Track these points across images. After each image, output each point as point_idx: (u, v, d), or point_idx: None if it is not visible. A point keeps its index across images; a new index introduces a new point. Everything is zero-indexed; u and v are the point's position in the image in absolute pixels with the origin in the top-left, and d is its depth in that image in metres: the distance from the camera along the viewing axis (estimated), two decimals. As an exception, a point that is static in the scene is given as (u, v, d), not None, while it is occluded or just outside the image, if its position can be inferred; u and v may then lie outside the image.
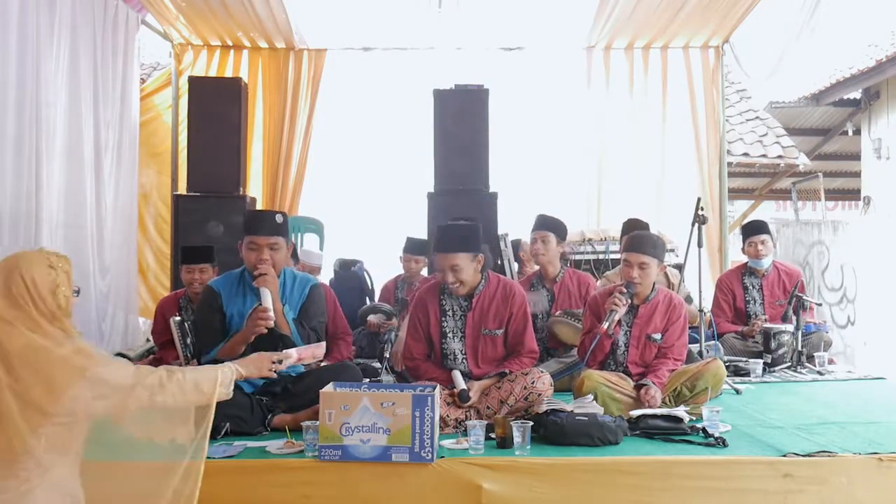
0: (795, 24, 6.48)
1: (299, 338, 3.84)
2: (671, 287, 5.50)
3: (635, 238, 4.27)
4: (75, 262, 6.24)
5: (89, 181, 5.91)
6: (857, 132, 11.80)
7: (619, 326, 4.16)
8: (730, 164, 9.43)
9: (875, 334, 6.29)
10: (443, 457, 3.21)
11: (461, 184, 6.60)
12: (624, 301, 4.05)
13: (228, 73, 7.96)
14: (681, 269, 5.40)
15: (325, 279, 6.62)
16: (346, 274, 6.73)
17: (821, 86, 11.41)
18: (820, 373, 5.29)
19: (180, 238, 6.65)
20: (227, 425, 3.59)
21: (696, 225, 4.98)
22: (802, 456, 3.22)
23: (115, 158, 6.49)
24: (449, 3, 7.11)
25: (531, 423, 3.37)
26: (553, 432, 3.43)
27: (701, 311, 5.00)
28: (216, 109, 6.91)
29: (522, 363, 4.01)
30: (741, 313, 5.96)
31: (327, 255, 7.04)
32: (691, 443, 3.48)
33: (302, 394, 3.77)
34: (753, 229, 5.99)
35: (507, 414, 3.73)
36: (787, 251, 7.71)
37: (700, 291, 5.09)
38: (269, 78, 8.11)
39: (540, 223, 5.22)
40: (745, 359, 5.39)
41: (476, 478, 3.14)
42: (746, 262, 6.02)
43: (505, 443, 3.37)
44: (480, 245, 3.98)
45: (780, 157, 11.30)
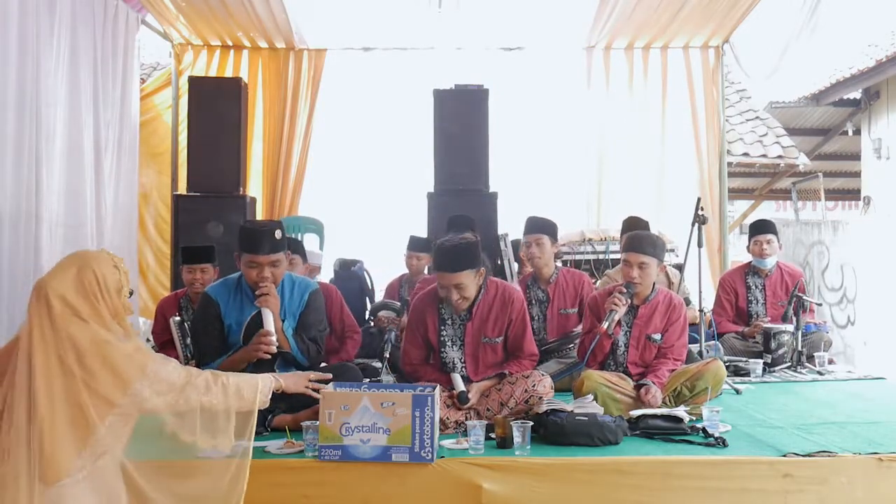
0: (795, 24, 6.48)
1: (299, 352, 3.83)
2: (672, 287, 5.51)
3: (635, 238, 4.27)
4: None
5: (89, 181, 5.91)
6: (857, 132, 11.80)
7: (619, 327, 4.16)
8: (730, 164, 9.43)
9: (875, 334, 6.29)
10: (443, 457, 3.21)
11: (461, 184, 6.60)
12: (624, 301, 4.05)
13: (228, 73, 7.96)
14: (681, 268, 5.40)
15: (325, 279, 6.62)
16: (346, 274, 6.72)
17: (821, 86, 11.40)
18: (820, 373, 5.29)
19: (180, 238, 6.65)
20: None
21: (696, 225, 4.97)
22: (802, 456, 3.22)
23: (115, 158, 6.49)
24: (449, 3, 7.11)
25: (531, 423, 3.37)
26: (553, 432, 3.43)
27: (701, 310, 5.00)
28: (216, 109, 6.91)
29: (522, 365, 4.00)
30: (743, 313, 5.95)
31: (327, 255, 7.04)
32: (691, 443, 3.48)
33: (302, 394, 3.76)
34: (759, 228, 5.97)
35: (507, 415, 3.73)
36: (787, 251, 7.70)
37: (700, 291, 5.09)
38: (269, 78, 8.10)
39: (533, 226, 5.21)
40: (745, 359, 5.39)
41: (476, 478, 3.13)
42: (750, 262, 6.01)
43: (505, 443, 3.37)
44: (481, 258, 3.93)
45: (780, 157, 11.30)
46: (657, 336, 4.17)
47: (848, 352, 6.53)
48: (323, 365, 4.11)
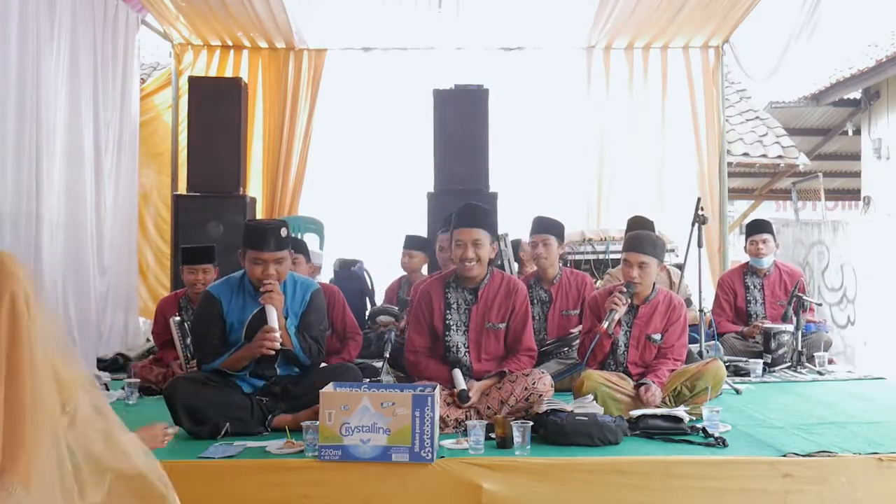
0: (795, 24, 6.49)
1: (301, 351, 3.84)
2: (673, 286, 5.51)
3: (635, 238, 4.27)
4: (75, 261, 6.23)
5: (89, 181, 5.91)
6: (857, 132, 11.80)
7: (620, 326, 4.16)
8: (730, 164, 9.43)
9: (875, 334, 6.28)
10: (443, 457, 3.21)
11: (461, 184, 6.60)
12: (624, 300, 4.05)
13: (228, 73, 7.96)
14: (681, 268, 5.41)
15: (325, 279, 6.62)
16: (346, 274, 6.72)
17: (821, 86, 11.41)
18: (820, 373, 5.29)
19: (180, 238, 6.66)
20: (228, 426, 3.58)
21: (696, 225, 4.98)
22: (802, 456, 3.22)
23: (115, 158, 6.49)
24: (449, 4, 7.12)
25: (531, 423, 3.36)
26: (553, 432, 3.43)
27: (701, 311, 5.00)
28: (216, 109, 6.92)
29: (521, 362, 4.00)
30: (742, 313, 5.96)
31: (327, 255, 7.04)
32: (691, 443, 3.48)
33: (302, 394, 3.76)
34: (755, 228, 5.99)
35: (507, 414, 3.73)
36: (787, 251, 7.70)
37: (700, 291, 5.09)
38: (269, 78, 8.11)
39: (540, 226, 5.21)
40: (745, 359, 5.39)
41: (476, 478, 3.13)
42: (748, 262, 6.02)
43: (505, 443, 3.37)
44: (496, 232, 4.02)
45: (780, 157, 11.30)
46: (657, 336, 4.17)
47: (848, 352, 6.53)
48: (323, 365, 4.11)
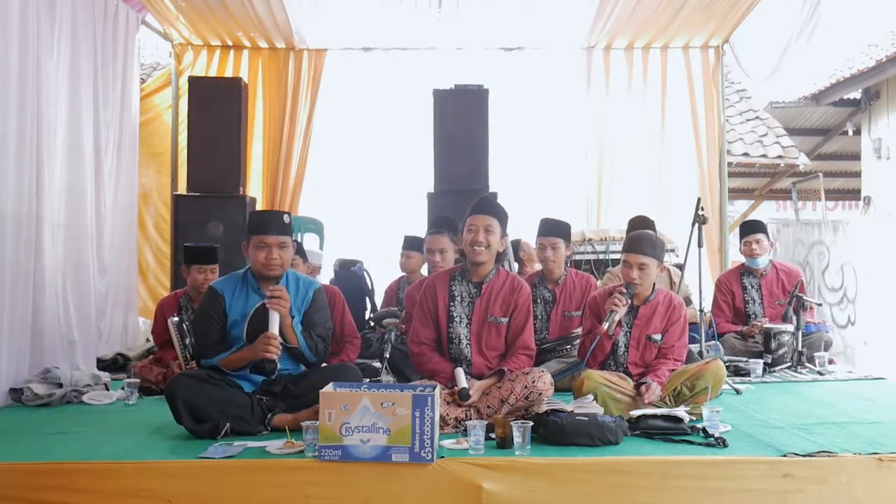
0: (795, 24, 6.49)
1: (307, 348, 3.84)
2: (674, 286, 5.51)
3: (634, 239, 4.27)
4: (75, 261, 6.21)
5: (89, 181, 5.91)
6: (857, 132, 11.81)
7: (620, 327, 4.16)
8: (730, 164, 9.43)
9: (875, 334, 6.28)
10: (443, 457, 3.20)
11: (461, 184, 6.61)
12: (624, 301, 4.06)
13: (228, 73, 7.96)
14: (681, 269, 5.41)
15: (325, 279, 6.62)
16: (346, 274, 6.72)
17: (821, 86, 11.42)
18: (820, 373, 5.29)
19: (180, 238, 6.66)
20: (228, 425, 3.58)
21: (696, 225, 4.98)
22: (802, 456, 3.22)
23: (115, 158, 6.49)
24: (449, 4, 7.12)
25: (531, 423, 3.36)
26: (553, 432, 3.43)
27: (701, 311, 5.00)
28: (216, 109, 6.92)
29: (520, 362, 4.01)
30: (741, 313, 5.97)
31: (327, 255, 7.05)
32: (691, 443, 3.48)
33: (302, 394, 3.76)
34: (748, 229, 6.02)
35: (507, 413, 3.73)
36: (787, 251, 7.70)
37: (700, 292, 5.10)
38: (269, 78, 8.11)
39: (549, 229, 5.21)
40: (745, 359, 5.39)
41: (476, 478, 3.13)
42: (744, 262, 6.05)
43: (505, 443, 3.37)
44: (506, 231, 4.10)
45: (780, 157, 11.31)
46: (657, 336, 4.17)
47: (848, 352, 6.52)
48: (324, 366, 4.11)
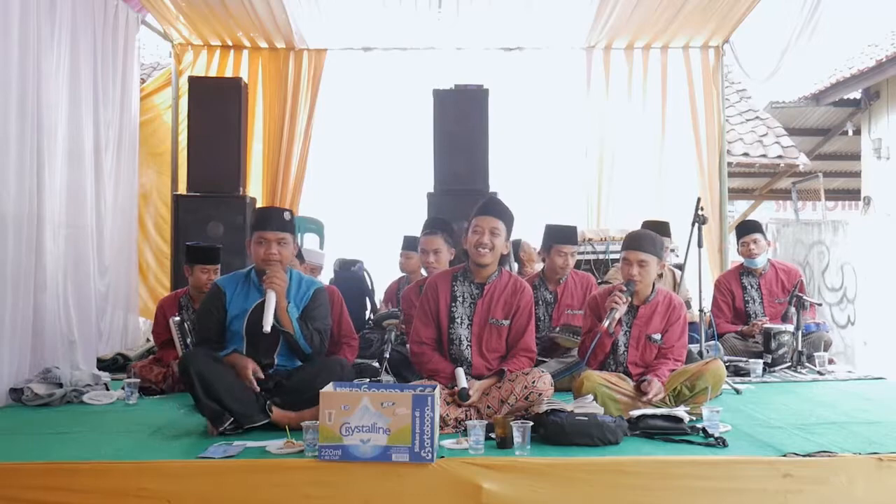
0: (795, 24, 6.48)
1: (302, 337, 3.86)
2: (676, 286, 5.51)
3: (634, 236, 4.28)
4: (75, 261, 6.21)
5: (89, 181, 5.91)
6: (857, 132, 11.81)
7: (620, 326, 4.16)
8: (730, 164, 9.43)
9: (875, 334, 6.28)
10: (443, 457, 3.21)
11: (461, 184, 6.61)
12: (624, 299, 4.06)
13: (228, 73, 7.96)
14: (681, 269, 5.41)
15: (326, 279, 6.62)
16: (346, 274, 6.72)
17: (821, 86, 11.42)
18: (820, 373, 5.29)
19: (180, 238, 6.65)
20: (231, 420, 3.61)
21: (696, 225, 4.98)
22: (802, 456, 3.22)
23: (115, 158, 6.49)
24: (449, 4, 7.12)
25: (531, 423, 3.36)
26: (553, 432, 3.43)
27: (701, 311, 5.00)
28: (216, 109, 6.92)
29: (521, 363, 4.01)
30: (741, 313, 5.97)
31: (327, 255, 7.05)
32: (691, 443, 3.48)
33: (294, 389, 3.79)
34: (745, 229, 6.04)
35: (507, 413, 3.73)
36: (787, 251, 7.70)
37: (700, 292, 5.10)
38: (269, 78, 8.11)
39: (561, 236, 5.25)
40: (745, 359, 5.39)
41: (476, 478, 3.13)
42: (742, 263, 6.06)
43: (505, 443, 3.37)
44: (511, 235, 4.12)
45: (780, 157, 11.31)
46: (657, 336, 4.17)
47: (848, 352, 6.52)
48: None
